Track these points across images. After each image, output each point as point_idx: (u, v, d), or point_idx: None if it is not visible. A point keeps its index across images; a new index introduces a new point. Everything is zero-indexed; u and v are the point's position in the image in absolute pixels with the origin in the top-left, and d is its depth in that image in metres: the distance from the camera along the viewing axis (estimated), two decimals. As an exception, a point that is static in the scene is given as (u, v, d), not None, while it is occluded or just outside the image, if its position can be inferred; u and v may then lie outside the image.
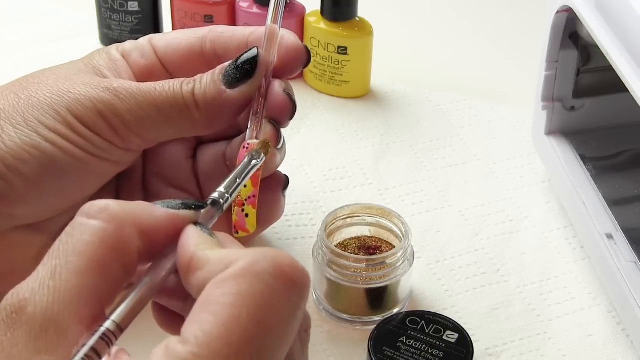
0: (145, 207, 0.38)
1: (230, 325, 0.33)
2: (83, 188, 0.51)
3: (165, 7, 0.80)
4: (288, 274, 0.35)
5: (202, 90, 0.51)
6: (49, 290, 0.34)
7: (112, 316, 0.35)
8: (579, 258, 0.61)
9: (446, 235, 0.62)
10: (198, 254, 0.37)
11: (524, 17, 0.89)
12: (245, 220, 0.50)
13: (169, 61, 0.55)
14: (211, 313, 0.34)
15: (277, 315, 0.35)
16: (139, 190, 0.56)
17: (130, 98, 0.50)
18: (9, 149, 0.48)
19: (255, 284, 0.34)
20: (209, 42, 0.54)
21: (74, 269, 0.35)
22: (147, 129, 0.51)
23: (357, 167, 0.68)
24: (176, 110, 0.51)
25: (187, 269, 0.37)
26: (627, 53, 0.51)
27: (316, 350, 0.54)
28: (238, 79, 0.51)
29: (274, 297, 0.35)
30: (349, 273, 0.54)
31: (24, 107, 0.49)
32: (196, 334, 0.33)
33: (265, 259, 0.35)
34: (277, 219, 0.58)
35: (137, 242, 0.37)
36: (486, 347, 0.54)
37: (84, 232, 0.36)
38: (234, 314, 0.34)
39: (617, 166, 0.64)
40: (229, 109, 0.51)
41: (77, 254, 0.35)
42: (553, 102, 0.64)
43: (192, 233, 0.38)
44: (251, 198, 0.49)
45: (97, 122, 0.49)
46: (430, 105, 0.76)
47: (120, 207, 0.37)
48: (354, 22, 0.74)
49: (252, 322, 0.34)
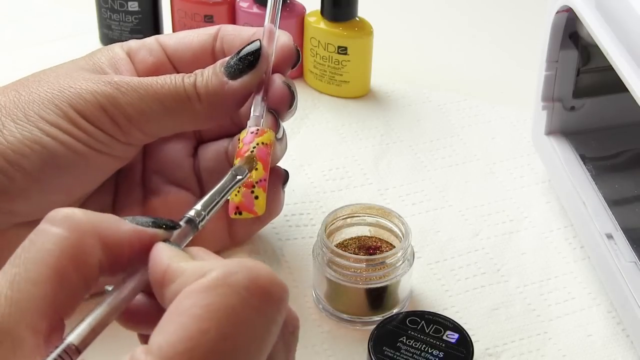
0: (112, 220, 0.36)
1: (197, 339, 0.32)
2: (83, 184, 0.51)
3: (165, 7, 0.80)
4: (264, 288, 0.34)
5: (204, 82, 0.52)
6: (6, 301, 0.33)
7: (70, 337, 0.34)
8: (579, 258, 0.61)
9: (446, 235, 0.62)
10: (172, 266, 0.35)
11: (524, 17, 0.89)
12: (254, 202, 0.48)
13: (179, 58, 0.55)
14: (179, 324, 0.32)
15: (249, 331, 0.33)
16: (138, 188, 0.56)
17: (132, 91, 0.50)
18: (10, 144, 0.48)
19: (228, 296, 0.33)
20: (219, 40, 0.55)
21: (33, 278, 0.33)
22: (149, 122, 0.51)
23: (357, 167, 0.68)
24: (178, 103, 0.51)
25: (162, 283, 0.35)
26: (627, 53, 0.51)
27: (316, 351, 0.54)
28: (241, 70, 0.52)
29: (247, 312, 0.33)
30: (349, 273, 0.54)
31: (25, 103, 0.49)
32: (161, 344, 0.32)
33: (241, 271, 0.34)
34: (277, 214, 0.58)
35: (99, 253, 0.35)
36: (486, 347, 0.54)
37: (45, 240, 0.34)
38: (202, 327, 0.32)
39: (617, 166, 0.64)
40: (231, 100, 0.52)
41: (36, 263, 0.34)
42: (553, 102, 0.64)
43: (164, 247, 0.36)
44: (262, 181, 0.49)
45: (98, 116, 0.50)
46: (430, 105, 0.76)
47: (85, 217, 0.35)
48: (354, 22, 0.74)
49: (221, 338, 0.32)
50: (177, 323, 0.33)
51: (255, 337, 0.33)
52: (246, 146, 0.50)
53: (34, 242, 0.35)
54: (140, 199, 0.56)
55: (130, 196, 0.56)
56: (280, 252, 0.60)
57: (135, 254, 0.36)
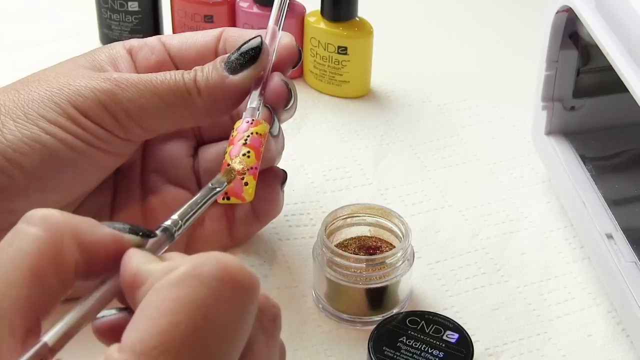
0: (89, 223, 0.36)
1: (169, 332, 0.32)
2: (82, 182, 0.51)
3: (165, 7, 0.81)
4: (234, 278, 0.33)
5: (204, 77, 0.52)
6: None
7: (45, 337, 0.33)
8: (579, 258, 0.61)
9: (446, 235, 0.62)
10: (141, 268, 0.35)
11: (524, 17, 0.89)
12: (243, 188, 0.49)
13: (182, 59, 0.55)
14: (150, 320, 0.32)
15: (221, 321, 0.33)
16: (137, 188, 0.56)
17: (131, 87, 0.50)
18: (9, 142, 0.48)
19: (197, 288, 0.33)
20: (222, 42, 0.56)
21: (9, 280, 0.33)
22: (149, 118, 0.51)
23: (357, 167, 0.68)
24: (178, 97, 0.51)
25: (132, 286, 0.35)
26: (627, 53, 0.51)
27: (316, 350, 0.54)
28: (242, 65, 0.52)
29: (219, 302, 0.33)
30: (349, 273, 0.54)
31: (24, 102, 0.49)
32: (134, 341, 0.32)
33: (210, 262, 0.33)
34: (276, 214, 0.58)
35: (76, 255, 0.35)
36: (486, 347, 0.54)
37: (21, 239, 0.34)
38: (174, 321, 0.32)
39: (617, 166, 0.64)
40: (231, 94, 0.52)
41: (13, 264, 0.33)
42: (553, 102, 0.64)
43: (135, 252, 0.36)
44: (253, 169, 0.50)
45: (98, 112, 0.50)
46: (430, 105, 0.76)
47: (63, 218, 0.35)
48: (354, 22, 0.74)
49: (193, 330, 0.32)
50: (148, 319, 0.32)
51: (228, 327, 0.33)
52: (240, 134, 0.50)
53: (11, 243, 0.34)
54: (139, 198, 0.56)
55: (129, 195, 0.56)
56: (280, 252, 0.60)
57: (110, 259, 0.36)
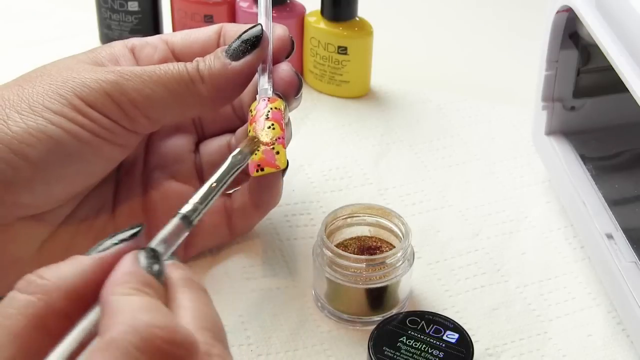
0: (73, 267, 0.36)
1: None
2: (87, 174, 0.52)
3: (165, 7, 0.81)
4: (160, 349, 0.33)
5: (206, 66, 0.53)
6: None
7: None
8: (579, 258, 0.61)
9: (446, 235, 0.62)
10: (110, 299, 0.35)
11: (524, 17, 0.89)
12: (275, 157, 0.51)
13: (187, 54, 0.56)
14: None
15: None
16: (139, 183, 0.57)
17: (135, 78, 0.51)
18: (15, 134, 0.48)
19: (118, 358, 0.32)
20: (222, 37, 0.57)
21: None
22: (154, 108, 0.51)
23: (357, 167, 0.68)
24: (182, 86, 0.52)
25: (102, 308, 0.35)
26: (627, 53, 0.51)
27: (316, 351, 0.54)
28: (243, 51, 0.53)
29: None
30: (349, 273, 0.54)
31: (29, 95, 0.49)
32: None
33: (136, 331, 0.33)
34: (275, 204, 0.58)
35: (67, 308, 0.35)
36: (486, 347, 0.54)
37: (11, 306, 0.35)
38: None
39: (617, 166, 0.64)
40: (234, 80, 0.53)
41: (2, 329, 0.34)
42: (553, 102, 0.64)
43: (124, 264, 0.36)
44: (280, 139, 0.51)
45: (104, 102, 0.50)
46: (430, 105, 0.76)
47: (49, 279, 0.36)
48: (354, 22, 0.74)
49: None
50: None
51: None
52: (261, 111, 0.52)
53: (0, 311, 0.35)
54: (141, 193, 0.56)
55: (131, 191, 0.56)
56: (280, 252, 0.60)
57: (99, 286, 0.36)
